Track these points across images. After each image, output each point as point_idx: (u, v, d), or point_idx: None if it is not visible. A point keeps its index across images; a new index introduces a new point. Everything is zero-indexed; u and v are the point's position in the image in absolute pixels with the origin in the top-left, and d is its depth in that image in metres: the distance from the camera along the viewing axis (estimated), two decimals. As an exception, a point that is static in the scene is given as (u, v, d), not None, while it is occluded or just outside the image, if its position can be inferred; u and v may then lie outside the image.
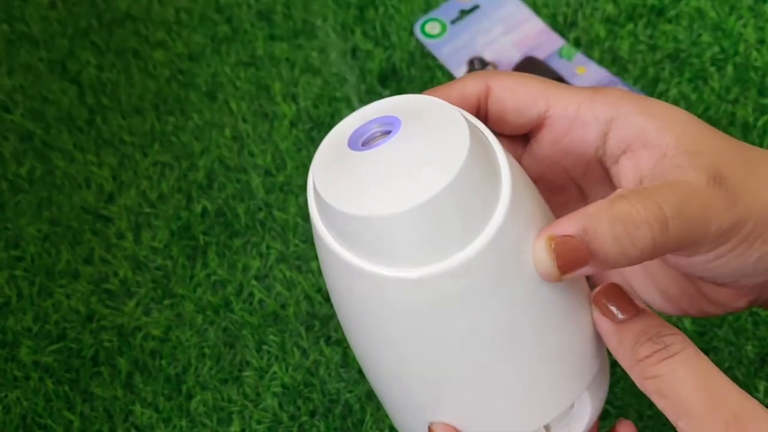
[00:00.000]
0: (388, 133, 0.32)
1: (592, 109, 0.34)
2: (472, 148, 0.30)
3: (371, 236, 0.30)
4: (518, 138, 0.37)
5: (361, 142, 0.33)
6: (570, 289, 0.33)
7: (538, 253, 0.31)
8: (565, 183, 0.37)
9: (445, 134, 0.31)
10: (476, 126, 0.32)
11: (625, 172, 0.35)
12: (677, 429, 0.31)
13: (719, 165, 0.33)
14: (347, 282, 0.32)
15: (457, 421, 0.34)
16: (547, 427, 0.35)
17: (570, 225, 0.30)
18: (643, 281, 0.38)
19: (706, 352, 0.53)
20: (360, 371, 0.54)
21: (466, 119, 0.31)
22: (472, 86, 0.35)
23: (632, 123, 0.34)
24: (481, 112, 0.36)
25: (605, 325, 0.33)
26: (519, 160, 0.37)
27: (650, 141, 0.33)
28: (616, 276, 0.39)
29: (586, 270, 0.31)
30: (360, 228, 0.30)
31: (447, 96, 0.35)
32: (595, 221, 0.30)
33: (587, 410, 0.35)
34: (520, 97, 0.35)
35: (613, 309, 0.33)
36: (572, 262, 0.30)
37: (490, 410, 0.34)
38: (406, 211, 0.29)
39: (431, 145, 0.30)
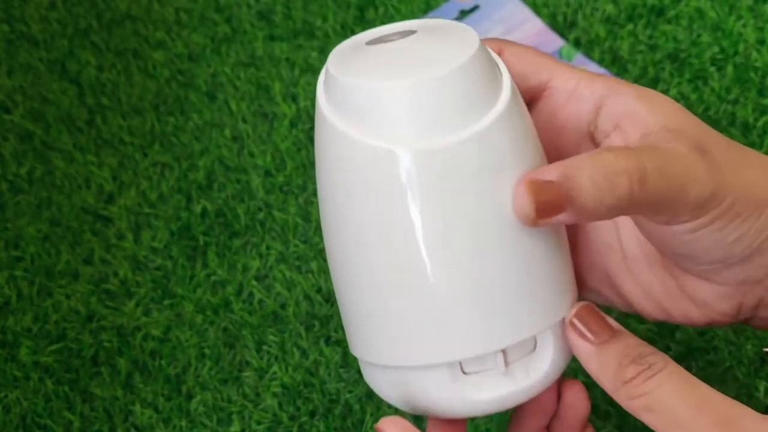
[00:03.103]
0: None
1: (590, 86, 0.36)
2: (480, 53, 0.32)
3: (370, 107, 0.32)
4: None
5: (379, 41, 0.35)
6: (552, 229, 0.34)
7: (517, 196, 0.32)
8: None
9: (458, 39, 0.33)
10: (491, 52, 0.35)
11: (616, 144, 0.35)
12: None
13: (703, 141, 0.33)
14: (336, 153, 0.33)
15: (407, 321, 0.34)
16: (505, 360, 0.34)
17: (552, 171, 0.31)
18: (627, 278, 0.38)
19: (706, 352, 0.53)
20: (360, 371, 0.54)
21: (484, 45, 0.34)
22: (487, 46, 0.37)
23: (624, 102, 0.35)
24: None
25: (584, 348, 0.33)
26: None
27: (639, 119, 0.34)
28: (598, 271, 0.39)
29: (564, 217, 0.31)
30: (363, 100, 0.32)
31: None
32: (577, 168, 0.31)
33: (549, 355, 0.35)
34: (527, 63, 0.36)
35: (589, 332, 0.33)
36: (550, 207, 0.31)
37: (445, 313, 0.33)
38: (405, 86, 0.31)
39: (442, 44, 0.33)
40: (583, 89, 0.36)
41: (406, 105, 0.32)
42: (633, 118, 0.34)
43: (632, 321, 0.54)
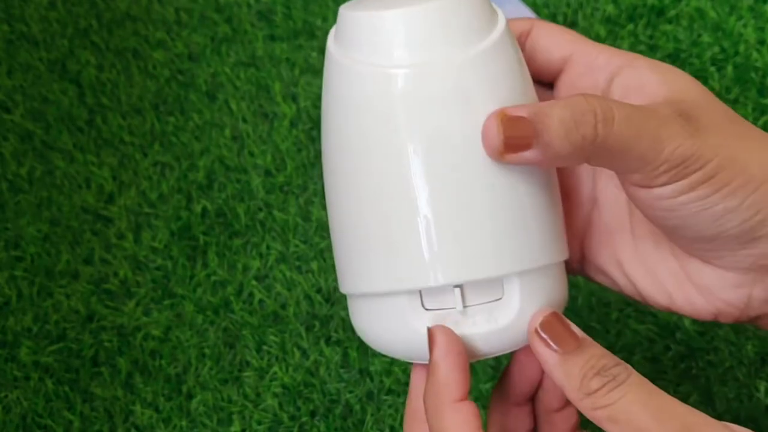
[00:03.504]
0: None
1: (608, 59, 0.36)
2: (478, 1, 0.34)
3: (362, 33, 0.34)
4: (548, 92, 0.39)
5: None
6: (536, 177, 0.34)
7: (486, 127, 0.32)
8: None
9: None
10: (499, 10, 0.36)
11: None
12: None
13: (696, 110, 0.33)
14: (330, 79, 0.35)
15: (376, 246, 0.34)
16: (466, 302, 0.34)
17: (524, 108, 0.32)
18: (634, 258, 0.38)
19: (707, 352, 0.53)
20: (360, 371, 0.54)
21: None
22: (517, 26, 0.38)
23: (637, 74, 0.35)
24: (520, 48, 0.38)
25: (549, 357, 0.33)
26: None
27: (647, 91, 0.35)
28: (607, 250, 0.39)
29: (531, 155, 0.32)
30: (355, 27, 0.34)
31: None
32: (548, 107, 0.32)
33: (515, 304, 0.34)
34: (553, 39, 0.37)
35: (554, 342, 0.33)
36: (517, 141, 0.32)
37: (407, 240, 0.34)
38: (401, 13, 0.33)
39: None
40: (601, 61, 0.36)
41: (396, 30, 0.33)
42: (641, 89, 0.35)
43: (632, 321, 0.54)
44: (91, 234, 0.60)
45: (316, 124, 0.63)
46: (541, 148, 0.32)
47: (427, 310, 0.34)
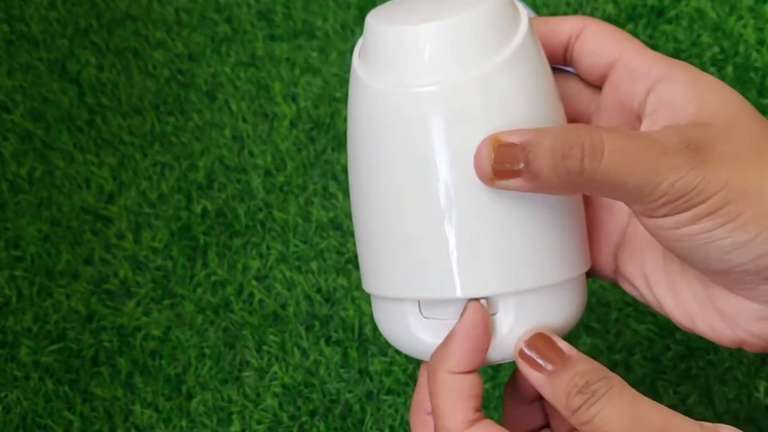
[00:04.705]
0: None
1: (651, 66, 0.35)
2: (498, 6, 0.34)
3: (392, 49, 0.34)
4: (596, 96, 0.38)
5: None
6: (544, 200, 0.34)
7: (478, 151, 0.32)
8: None
9: None
10: (521, 7, 0.36)
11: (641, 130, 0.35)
12: None
13: (713, 138, 0.32)
14: (354, 96, 0.36)
15: (386, 253, 0.35)
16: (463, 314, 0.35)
17: (517, 134, 0.32)
18: (661, 277, 0.37)
19: (707, 352, 0.53)
20: (360, 371, 0.54)
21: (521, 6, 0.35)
22: (569, 24, 0.37)
23: (672, 88, 0.34)
24: (569, 49, 0.37)
25: (536, 378, 0.34)
26: (593, 114, 0.38)
27: (675, 109, 0.34)
28: (637, 264, 0.38)
29: (520, 183, 0.31)
30: (386, 42, 0.34)
31: (542, 24, 0.37)
32: (540, 136, 0.31)
33: (508, 322, 0.35)
34: (602, 41, 0.36)
35: (540, 360, 0.34)
36: (506, 168, 0.31)
37: (411, 252, 0.34)
38: (424, 27, 0.33)
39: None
40: (644, 68, 0.35)
41: (424, 47, 0.33)
42: (670, 106, 0.34)
43: (632, 321, 0.54)
44: (91, 234, 0.60)
45: (316, 124, 0.63)
46: (530, 178, 0.31)
47: (425, 318, 0.36)
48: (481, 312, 0.34)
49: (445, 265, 0.34)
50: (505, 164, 0.31)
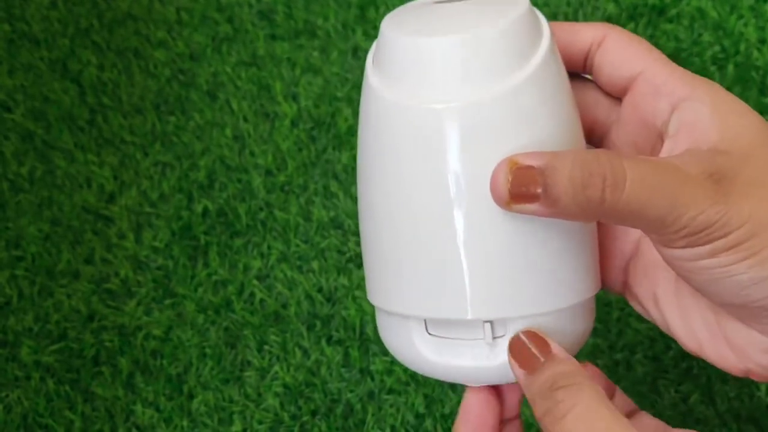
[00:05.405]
0: None
1: (677, 84, 0.34)
2: (520, 20, 0.32)
3: (409, 62, 0.33)
4: (615, 106, 0.37)
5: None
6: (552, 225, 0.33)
7: (495, 173, 0.31)
8: None
9: (510, 8, 0.33)
10: (542, 20, 0.34)
11: (662, 154, 0.34)
12: None
13: (735, 167, 0.31)
14: (365, 105, 0.34)
15: (395, 268, 0.34)
16: (470, 335, 0.34)
17: (536, 157, 0.31)
18: (672, 300, 0.37)
19: (708, 352, 0.53)
20: (361, 371, 0.54)
21: (538, 13, 0.34)
22: (590, 32, 0.36)
23: (696, 110, 0.33)
24: (589, 57, 0.36)
25: (518, 375, 0.33)
26: (612, 124, 0.37)
27: (697, 132, 0.33)
28: (648, 284, 0.37)
29: (537, 208, 0.30)
30: (402, 53, 0.33)
31: (562, 30, 0.36)
32: (560, 160, 0.30)
33: (504, 349, 0.35)
34: (624, 52, 0.35)
35: (523, 358, 0.33)
36: (524, 192, 0.30)
37: (418, 271, 0.34)
38: (442, 41, 0.32)
39: (493, 9, 0.33)
40: (669, 86, 0.34)
41: (443, 61, 0.32)
42: (692, 128, 0.33)
43: (633, 320, 0.54)
44: (92, 233, 0.60)
45: (317, 123, 0.63)
46: (548, 203, 0.30)
47: (430, 335, 0.35)
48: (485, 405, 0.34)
49: (455, 285, 0.33)
50: (522, 188, 0.30)
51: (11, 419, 0.54)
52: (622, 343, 0.54)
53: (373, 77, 0.34)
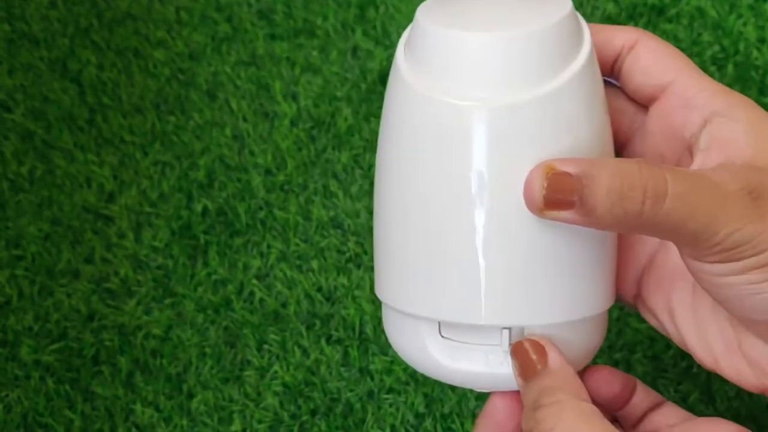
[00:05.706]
0: None
1: (709, 98, 0.33)
2: (563, 23, 0.31)
3: (442, 55, 0.31)
4: (639, 114, 0.36)
5: None
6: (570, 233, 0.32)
7: (530, 179, 0.30)
8: None
9: (553, 7, 0.32)
10: (583, 22, 0.33)
11: (693, 167, 0.33)
12: None
13: None
14: (393, 96, 0.33)
15: (409, 267, 0.34)
16: (481, 340, 0.34)
17: (573, 163, 0.30)
18: (688, 313, 0.36)
19: (707, 351, 0.53)
20: (361, 370, 0.54)
21: (580, 18, 0.33)
22: (622, 36, 0.35)
23: (729, 127, 0.33)
24: (618, 61, 0.35)
25: (519, 384, 0.33)
26: (635, 132, 0.36)
27: (731, 148, 0.32)
28: (663, 295, 0.37)
29: (571, 215, 0.30)
30: (438, 45, 0.31)
31: (596, 33, 0.35)
32: (598, 169, 0.29)
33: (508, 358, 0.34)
34: (656, 60, 0.34)
35: (521, 365, 0.33)
36: (559, 199, 0.30)
37: (434, 273, 0.33)
38: (480, 38, 0.30)
39: (534, 6, 0.32)
40: (700, 99, 0.34)
41: (481, 59, 0.31)
42: (726, 144, 0.32)
43: (633, 320, 0.54)
44: (91, 233, 0.60)
45: (316, 122, 0.63)
46: (583, 212, 0.29)
47: (443, 338, 0.34)
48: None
49: (472, 289, 0.32)
50: (558, 194, 0.30)
51: (11, 419, 0.54)
52: (622, 343, 0.54)
53: (403, 65, 0.33)
